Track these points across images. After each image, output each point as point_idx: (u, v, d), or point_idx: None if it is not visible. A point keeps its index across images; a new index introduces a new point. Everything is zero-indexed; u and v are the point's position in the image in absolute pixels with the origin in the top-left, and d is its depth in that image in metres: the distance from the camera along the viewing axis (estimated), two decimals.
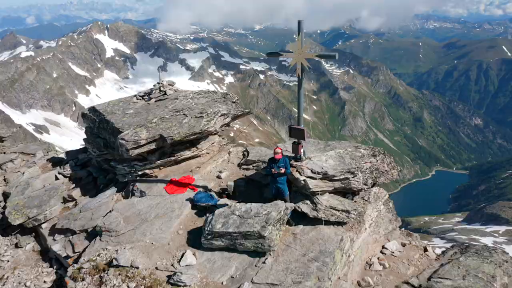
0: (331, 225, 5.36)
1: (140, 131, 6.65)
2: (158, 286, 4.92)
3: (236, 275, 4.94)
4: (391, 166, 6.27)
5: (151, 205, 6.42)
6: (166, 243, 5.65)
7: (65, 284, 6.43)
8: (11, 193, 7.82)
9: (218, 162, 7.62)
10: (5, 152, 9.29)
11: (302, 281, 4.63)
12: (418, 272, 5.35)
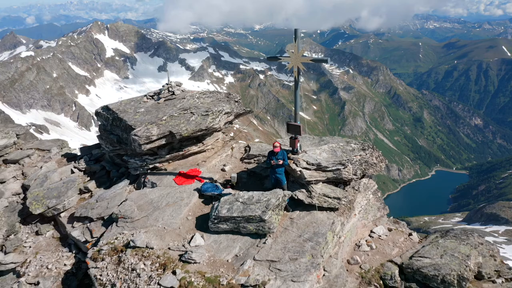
0: (324, 211, 6.04)
1: (151, 127, 7.32)
2: (171, 263, 5.60)
3: (240, 254, 5.62)
4: (379, 159, 6.95)
5: (162, 194, 7.09)
6: (177, 227, 6.32)
7: (86, 264, 7.11)
8: (30, 185, 8.49)
9: (222, 156, 8.30)
10: (22, 148, 9.97)
11: (298, 258, 5.31)
12: (401, 253, 6.02)
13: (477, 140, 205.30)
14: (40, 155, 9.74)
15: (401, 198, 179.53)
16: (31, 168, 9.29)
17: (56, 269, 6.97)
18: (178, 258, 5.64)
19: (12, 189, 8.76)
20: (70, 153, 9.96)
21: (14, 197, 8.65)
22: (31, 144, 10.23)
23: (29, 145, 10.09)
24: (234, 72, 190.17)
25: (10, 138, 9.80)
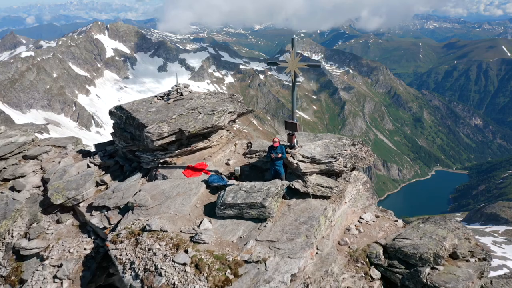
0: (317, 199, 6.84)
1: (162, 125, 8.13)
2: (184, 243, 6.40)
3: (244, 236, 6.42)
4: (368, 153, 7.75)
5: (172, 186, 7.90)
6: (187, 214, 7.12)
7: (104, 249, 7.91)
8: (50, 178, 9.29)
9: (226, 152, 9.10)
10: (39, 145, 10.77)
11: (294, 238, 6.11)
12: (386, 236, 6.82)
13: (477, 140, 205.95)
14: (57, 151, 10.54)
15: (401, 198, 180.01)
16: (49, 163, 10.09)
17: (77, 253, 7.76)
18: (189, 239, 6.43)
19: (33, 182, 9.57)
20: (84, 150, 10.77)
21: (35, 190, 9.46)
22: (47, 141, 11.04)
23: (46, 142, 10.90)
24: (234, 72, 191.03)
25: (28, 136, 10.60)
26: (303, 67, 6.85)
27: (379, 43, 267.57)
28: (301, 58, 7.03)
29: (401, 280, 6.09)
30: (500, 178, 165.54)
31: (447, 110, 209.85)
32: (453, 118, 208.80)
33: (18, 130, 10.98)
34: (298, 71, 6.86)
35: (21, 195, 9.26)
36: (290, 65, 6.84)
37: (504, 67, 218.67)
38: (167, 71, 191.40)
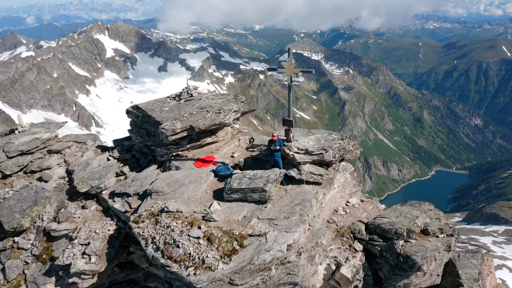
0: (310, 184, 8.06)
1: (175, 122, 9.35)
2: (197, 221, 7.62)
3: (247, 215, 7.64)
4: (355, 147, 8.97)
5: (185, 175, 9.13)
6: (199, 198, 8.34)
7: (125, 230, 9.14)
8: (74, 170, 10.51)
9: (231, 146, 10.31)
10: (61, 141, 11.98)
11: (290, 217, 7.33)
12: (369, 216, 8.04)
13: (477, 140, 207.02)
14: (78, 147, 11.77)
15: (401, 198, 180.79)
16: (72, 157, 11.31)
17: (102, 233, 8.97)
18: (202, 218, 7.66)
19: (58, 173, 10.79)
20: (102, 145, 12.00)
21: (60, 180, 10.68)
22: (68, 137, 12.26)
23: (67, 138, 12.12)
24: (234, 72, 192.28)
25: (52, 132, 11.83)
26: (298, 72, 8.08)
27: (379, 43, 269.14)
28: (297, 64, 8.25)
29: (379, 252, 7.32)
30: (500, 178, 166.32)
31: (447, 110, 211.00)
32: (453, 118, 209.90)
33: (41, 127, 12.21)
34: (293, 76, 8.08)
35: (49, 184, 10.48)
36: (286, 71, 8.06)
37: (504, 67, 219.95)
38: (167, 71, 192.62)
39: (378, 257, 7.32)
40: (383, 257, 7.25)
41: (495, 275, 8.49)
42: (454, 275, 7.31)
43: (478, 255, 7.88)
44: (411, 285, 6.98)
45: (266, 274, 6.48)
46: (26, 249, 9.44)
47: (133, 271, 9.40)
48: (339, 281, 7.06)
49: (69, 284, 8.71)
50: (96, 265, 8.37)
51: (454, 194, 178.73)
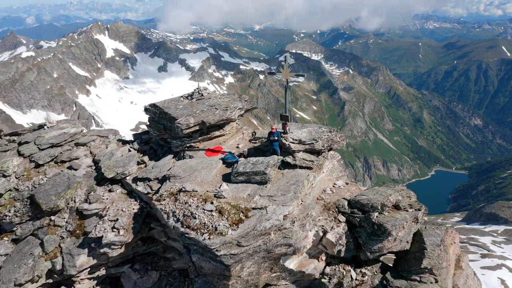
0: (303, 169, 9.78)
1: (189, 118, 11.09)
2: (210, 198, 9.35)
3: (251, 193, 9.37)
4: (342, 138, 10.72)
5: (198, 162, 10.86)
6: (210, 180, 10.07)
7: (147, 208, 10.87)
8: (100, 159, 12.25)
9: (236, 139, 12.03)
10: (86, 135, 13.71)
11: (286, 194, 9.05)
12: (351, 195, 9.77)
13: (477, 140, 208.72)
14: (101, 140, 13.50)
15: None
16: (96, 148, 13.05)
17: (128, 211, 10.68)
18: (213, 195, 9.38)
19: (86, 163, 12.52)
20: (122, 139, 13.74)
21: (88, 168, 12.41)
22: (92, 132, 14.00)
23: (91, 133, 13.87)
24: (234, 72, 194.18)
25: (78, 128, 13.57)
26: (292, 76, 9.83)
27: (379, 43, 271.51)
28: (291, 70, 10.00)
29: (359, 222, 9.06)
30: (499, 178, 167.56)
31: (447, 110, 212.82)
32: (453, 118, 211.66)
33: (68, 123, 13.95)
34: (289, 79, 9.82)
35: (78, 172, 12.20)
36: (283, 75, 9.80)
37: (504, 67, 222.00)
38: (167, 71, 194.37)
39: (358, 227, 9.06)
40: (361, 226, 8.99)
41: (459, 246, 10.20)
42: (420, 242, 9.04)
43: (443, 227, 9.62)
44: (384, 248, 8.71)
45: (266, 238, 8.20)
46: (61, 226, 11.14)
47: (153, 244, 11.11)
48: (326, 245, 8.79)
49: (100, 254, 10.41)
50: (124, 236, 10.08)
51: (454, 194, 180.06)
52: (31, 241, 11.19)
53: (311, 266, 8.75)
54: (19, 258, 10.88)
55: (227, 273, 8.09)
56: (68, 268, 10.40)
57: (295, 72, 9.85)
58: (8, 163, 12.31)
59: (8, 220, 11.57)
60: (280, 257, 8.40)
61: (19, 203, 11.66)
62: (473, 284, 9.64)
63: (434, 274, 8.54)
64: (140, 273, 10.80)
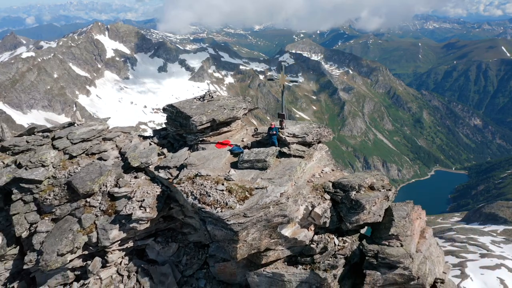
0: (296, 157, 12.16)
1: (202, 116, 13.48)
2: (221, 181, 11.73)
3: (254, 177, 11.76)
4: (329, 133, 13.10)
5: (210, 153, 13.25)
6: (220, 167, 12.45)
7: (168, 192, 13.24)
8: (126, 152, 14.62)
9: (241, 134, 14.41)
10: (111, 131, 16.09)
11: (282, 177, 11.43)
12: (336, 179, 12.16)
13: (477, 140, 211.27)
14: (125, 135, 15.89)
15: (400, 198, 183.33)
16: (121, 143, 15.43)
17: (152, 193, 13.04)
18: (224, 178, 11.75)
19: (113, 154, 14.90)
20: (142, 135, 16.12)
21: (116, 159, 14.78)
22: (116, 128, 16.40)
23: (115, 129, 16.26)
24: (234, 72, 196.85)
25: (104, 125, 15.96)
26: (290, 80, 12.23)
27: (378, 44, 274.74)
28: (287, 76, 12.38)
29: (340, 200, 11.46)
30: (499, 178, 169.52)
31: (446, 110, 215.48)
32: (452, 118, 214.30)
33: (95, 121, 16.35)
34: (285, 84, 12.19)
35: (107, 162, 14.56)
36: (280, 80, 12.16)
37: (503, 67, 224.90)
38: (167, 72, 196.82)
39: (340, 203, 11.46)
40: (342, 203, 11.39)
41: (424, 221, 12.59)
42: (390, 215, 11.42)
43: (409, 205, 12.00)
44: (360, 220, 11.09)
45: (267, 210, 10.57)
46: (95, 206, 13.48)
47: (172, 222, 13.46)
48: (314, 217, 11.17)
49: (129, 228, 12.73)
50: (150, 213, 12.42)
51: (454, 194, 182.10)
52: (69, 219, 13.52)
53: (302, 234, 11.11)
54: (59, 233, 13.22)
55: (235, 238, 10.43)
56: (102, 240, 12.73)
57: (290, 78, 12.22)
58: (46, 155, 14.68)
59: (48, 202, 13.90)
60: (277, 226, 10.74)
61: (57, 188, 14.00)
62: (434, 251, 12.03)
63: (400, 240, 10.91)
64: (162, 244, 13.18)
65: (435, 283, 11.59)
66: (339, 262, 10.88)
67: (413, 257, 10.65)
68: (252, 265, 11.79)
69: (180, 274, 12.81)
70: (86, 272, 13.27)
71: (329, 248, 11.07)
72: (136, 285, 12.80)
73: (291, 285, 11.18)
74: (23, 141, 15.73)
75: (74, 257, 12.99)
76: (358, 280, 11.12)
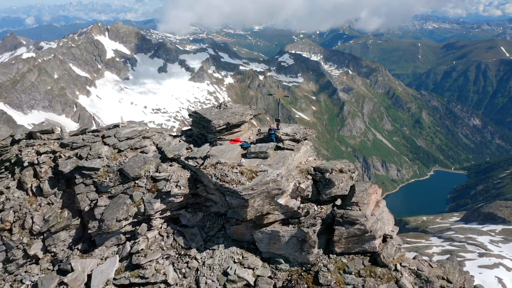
0: (288, 150, 17.65)
1: (220, 120, 18.94)
2: (235, 166, 17.17)
3: (258, 163, 17.25)
4: (312, 133, 18.57)
5: (226, 147, 18.74)
6: (234, 157, 17.92)
7: (196, 175, 18.70)
8: (162, 147, 20.05)
9: (248, 133, 19.86)
10: (149, 132, 21.54)
11: (278, 163, 16.93)
12: (317, 165, 17.66)
13: (476, 141, 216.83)
14: (159, 135, 21.34)
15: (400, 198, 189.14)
16: (157, 140, 20.88)
17: (184, 176, 18.45)
18: (237, 165, 17.19)
19: (152, 149, 20.33)
20: (172, 134, 21.58)
21: (154, 152, 20.20)
22: (152, 129, 21.85)
23: (152, 130, 21.71)
24: (233, 73, 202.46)
25: (144, 127, 21.39)
26: (282, 97, 17.69)
27: (378, 44, 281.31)
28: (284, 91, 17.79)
29: (318, 179, 16.93)
30: (498, 178, 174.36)
31: (446, 110, 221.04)
32: (452, 118, 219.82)
33: (136, 123, 21.79)
34: (281, 97, 17.62)
35: (148, 155, 19.97)
36: (277, 94, 17.58)
37: (502, 67, 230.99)
38: (167, 72, 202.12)
39: (318, 181, 16.92)
40: (320, 181, 16.86)
41: (380, 195, 18.04)
42: (353, 190, 16.89)
43: (368, 184, 17.43)
44: (332, 193, 16.52)
45: (267, 186, 15.99)
46: (142, 186, 18.85)
47: (198, 198, 18.84)
48: (300, 191, 16.62)
49: (168, 201, 18.09)
50: (183, 190, 17.79)
51: (453, 194, 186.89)
52: (122, 196, 18.88)
53: (292, 203, 16.52)
54: (116, 206, 18.59)
55: (246, 204, 15.82)
56: (148, 210, 18.10)
57: (283, 93, 17.65)
58: (101, 149, 20.09)
59: (105, 184, 19.26)
60: (275, 196, 16.12)
61: (111, 174, 19.38)
62: (386, 216, 17.45)
63: (359, 206, 16.32)
64: (191, 213, 18.61)
65: (386, 237, 16.98)
66: (317, 221, 16.26)
67: (368, 217, 16.04)
68: (256, 226, 17.14)
69: (205, 234, 18.21)
70: (133, 235, 18.66)
71: (310, 213, 16.48)
72: (173, 242, 18.12)
73: (284, 239, 16.57)
74: (79, 139, 21.14)
75: (127, 223, 18.35)
76: (331, 236, 16.45)
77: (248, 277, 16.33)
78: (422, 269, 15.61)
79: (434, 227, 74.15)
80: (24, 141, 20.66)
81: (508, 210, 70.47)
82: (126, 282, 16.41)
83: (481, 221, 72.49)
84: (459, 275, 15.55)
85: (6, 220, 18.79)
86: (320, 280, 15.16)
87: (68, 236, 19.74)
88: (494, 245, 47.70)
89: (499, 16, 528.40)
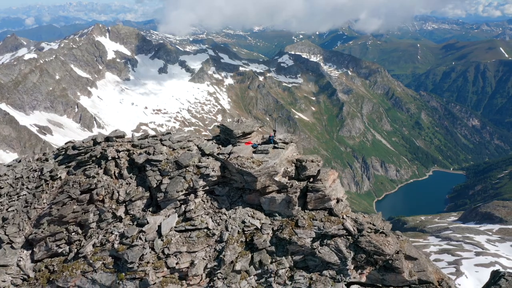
0: (281, 148, 31.14)
1: (238, 130, 32.48)
2: (249, 158, 30.57)
3: (263, 157, 30.70)
4: (297, 137, 32.00)
5: (242, 147, 32.28)
6: (248, 153, 31.39)
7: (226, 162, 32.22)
8: (201, 146, 33.46)
9: (256, 138, 33.34)
10: (191, 136, 34.94)
11: (275, 156, 30.43)
12: (298, 157, 31.17)
13: (475, 141, 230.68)
14: (198, 139, 34.77)
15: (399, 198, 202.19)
16: (197, 142, 34.31)
17: (217, 164, 31.77)
18: (250, 157, 30.60)
19: (195, 148, 33.74)
20: (207, 138, 35.07)
21: (196, 150, 33.60)
22: (193, 135, 35.31)
23: (193, 135, 35.17)
24: (233, 74, 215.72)
25: (188, 134, 34.82)
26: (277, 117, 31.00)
27: (377, 45, 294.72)
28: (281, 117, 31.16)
29: (299, 166, 30.57)
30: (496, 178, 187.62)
31: (444, 111, 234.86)
32: (450, 119, 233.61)
33: (183, 132, 35.22)
34: (276, 117, 30.83)
35: (193, 152, 33.35)
36: (274, 115, 30.73)
37: (501, 68, 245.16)
38: (168, 73, 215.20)
39: (298, 167, 30.54)
40: (299, 167, 30.49)
41: (337, 177, 31.53)
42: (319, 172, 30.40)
43: (328, 168, 30.93)
44: (306, 173, 30.04)
45: (268, 169, 29.46)
46: (190, 171, 32.15)
47: (225, 178, 32.21)
48: (287, 172, 30.17)
49: (207, 180, 31.42)
50: (217, 173, 31.15)
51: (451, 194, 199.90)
52: (178, 178, 32.22)
53: (283, 180, 29.98)
54: (175, 183, 31.96)
55: (255, 180, 29.25)
56: (195, 185, 31.43)
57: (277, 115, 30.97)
58: (162, 148, 33.54)
59: (166, 170, 32.61)
60: (273, 175, 29.48)
61: (170, 164, 32.77)
62: (338, 188, 30.93)
63: (321, 181, 29.78)
64: (221, 187, 32.06)
65: (338, 200, 30.39)
66: (298, 191, 29.67)
67: (327, 188, 29.45)
68: (261, 194, 30.48)
69: (230, 200, 31.66)
70: (185, 202, 32.07)
71: (294, 185, 29.93)
72: (211, 205, 31.44)
73: (278, 201, 29.98)
74: (145, 142, 34.56)
75: (181, 194, 31.75)
76: (305, 199, 29.80)
77: (257, 223, 29.94)
78: (358, 218, 29.13)
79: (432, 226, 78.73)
80: (104, 143, 34.02)
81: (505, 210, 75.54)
82: (183, 229, 29.80)
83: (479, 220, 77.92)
84: (380, 222, 29.08)
85: (100, 194, 32.34)
86: (299, 224, 28.74)
87: (141, 203, 33.34)
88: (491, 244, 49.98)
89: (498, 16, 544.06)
